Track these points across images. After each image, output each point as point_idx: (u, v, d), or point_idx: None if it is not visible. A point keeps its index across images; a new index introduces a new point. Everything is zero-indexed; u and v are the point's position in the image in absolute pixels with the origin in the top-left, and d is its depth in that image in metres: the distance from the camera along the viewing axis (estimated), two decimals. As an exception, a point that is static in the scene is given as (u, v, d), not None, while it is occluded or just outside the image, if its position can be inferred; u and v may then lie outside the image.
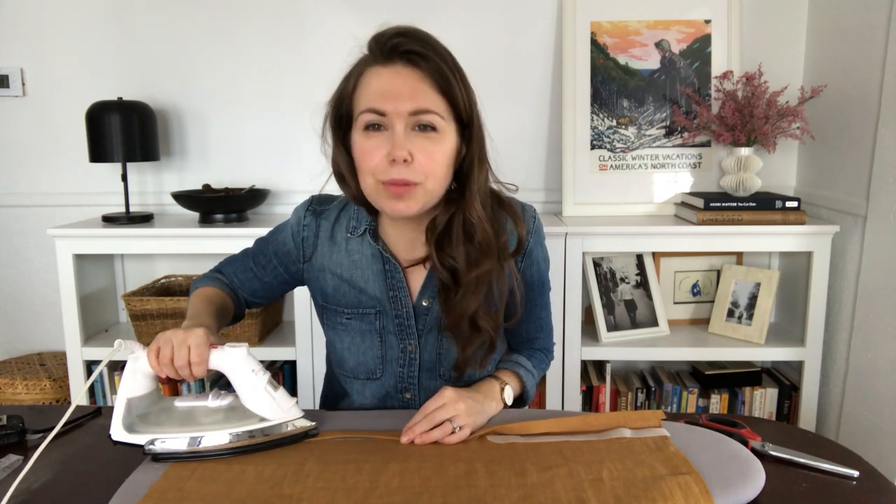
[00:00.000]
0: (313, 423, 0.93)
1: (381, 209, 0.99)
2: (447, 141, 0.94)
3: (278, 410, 0.91)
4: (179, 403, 0.94)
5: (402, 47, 0.91)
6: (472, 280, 0.98)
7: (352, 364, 1.10)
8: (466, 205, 0.97)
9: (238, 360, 0.91)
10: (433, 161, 0.92)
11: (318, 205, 1.11)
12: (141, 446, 0.87)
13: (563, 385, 1.89)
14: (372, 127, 0.93)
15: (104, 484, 0.82)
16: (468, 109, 0.96)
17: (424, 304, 1.06)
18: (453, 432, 0.91)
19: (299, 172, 2.14)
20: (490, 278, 1.00)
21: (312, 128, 1.05)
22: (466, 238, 0.98)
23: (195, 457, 0.87)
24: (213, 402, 0.93)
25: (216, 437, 0.87)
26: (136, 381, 0.91)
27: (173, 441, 0.87)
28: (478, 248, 0.98)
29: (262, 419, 0.90)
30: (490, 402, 1.01)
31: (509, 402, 1.05)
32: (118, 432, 0.88)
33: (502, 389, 1.05)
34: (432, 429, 0.91)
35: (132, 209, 2.04)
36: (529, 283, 1.11)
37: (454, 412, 0.92)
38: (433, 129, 0.92)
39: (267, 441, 0.89)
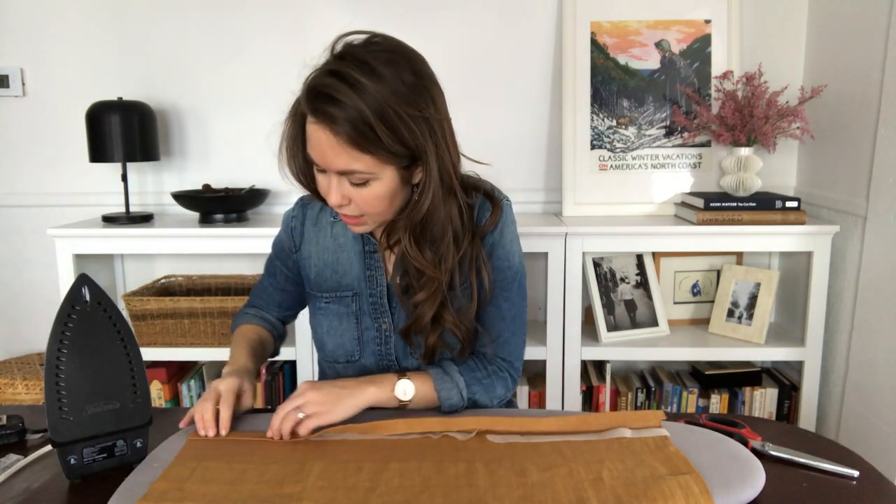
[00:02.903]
0: None
1: None
2: (381, 184, 0.95)
3: None
4: None
5: (320, 108, 0.89)
6: (411, 305, 1.04)
7: (331, 347, 1.13)
8: (402, 234, 1.01)
9: None
10: (367, 203, 0.97)
11: (306, 199, 1.17)
12: None
13: (563, 385, 1.89)
14: (316, 167, 0.98)
15: (104, 484, 0.82)
16: (404, 150, 0.93)
17: (398, 281, 1.08)
18: (299, 419, 0.92)
19: (299, 172, 2.14)
20: (436, 301, 1.03)
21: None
22: (403, 265, 1.04)
23: None
24: None
25: None
26: None
27: None
28: (414, 277, 1.03)
29: None
30: (366, 385, 0.98)
31: (404, 398, 1.00)
32: None
33: (395, 384, 1.01)
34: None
35: (132, 209, 2.04)
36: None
37: (302, 400, 0.92)
38: (363, 179, 0.94)
39: None
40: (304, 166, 1.03)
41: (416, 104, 0.91)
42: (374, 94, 0.88)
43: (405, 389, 1.01)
